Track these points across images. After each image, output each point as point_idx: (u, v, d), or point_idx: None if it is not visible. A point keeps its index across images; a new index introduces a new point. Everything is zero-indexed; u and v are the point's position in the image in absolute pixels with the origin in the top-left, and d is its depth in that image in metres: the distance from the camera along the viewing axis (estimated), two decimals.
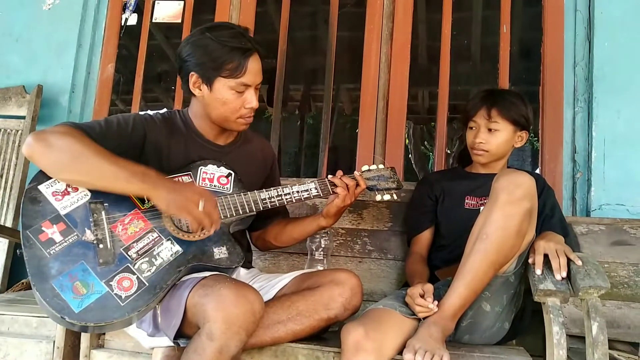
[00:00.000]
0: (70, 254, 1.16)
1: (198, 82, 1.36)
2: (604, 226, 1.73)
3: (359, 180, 1.45)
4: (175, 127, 1.44)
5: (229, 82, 1.33)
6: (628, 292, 1.63)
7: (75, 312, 1.09)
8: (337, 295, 1.30)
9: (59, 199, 1.22)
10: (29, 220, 1.18)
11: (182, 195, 1.20)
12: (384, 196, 1.49)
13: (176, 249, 1.24)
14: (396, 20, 2.26)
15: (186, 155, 1.41)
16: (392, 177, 1.52)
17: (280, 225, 1.57)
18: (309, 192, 1.43)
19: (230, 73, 1.32)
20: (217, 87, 1.34)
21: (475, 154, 1.61)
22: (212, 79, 1.33)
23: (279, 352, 1.28)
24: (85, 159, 1.18)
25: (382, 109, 2.22)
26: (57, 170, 1.22)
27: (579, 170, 2.00)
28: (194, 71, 1.35)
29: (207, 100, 1.37)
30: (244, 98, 1.36)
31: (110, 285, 1.14)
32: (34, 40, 2.58)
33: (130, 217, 1.25)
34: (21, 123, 2.37)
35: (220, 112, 1.38)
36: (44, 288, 1.10)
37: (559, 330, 1.16)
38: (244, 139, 1.55)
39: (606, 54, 2.00)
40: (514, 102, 1.57)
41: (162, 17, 2.59)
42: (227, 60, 1.31)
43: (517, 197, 1.26)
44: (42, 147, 1.19)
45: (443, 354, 1.14)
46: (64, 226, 1.19)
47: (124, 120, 1.35)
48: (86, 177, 1.21)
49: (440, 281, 1.51)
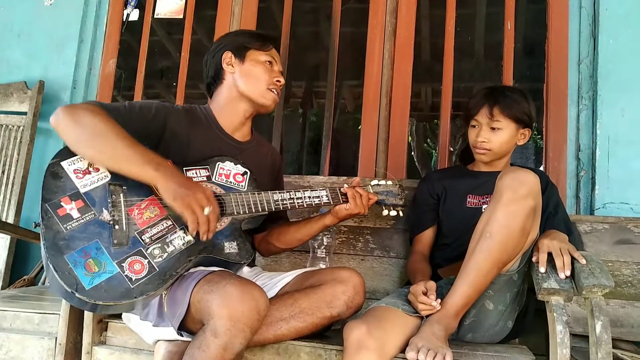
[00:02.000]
0: (86, 231, 1.17)
1: (231, 60, 1.48)
2: (607, 225, 1.72)
3: (371, 196, 1.50)
4: (197, 118, 1.48)
5: (259, 54, 1.48)
6: (632, 291, 1.63)
7: (86, 288, 1.10)
8: (340, 293, 1.30)
9: (80, 177, 1.23)
10: (49, 194, 1.19)
11: (191, 194, 1.20)
12: (391, 212, 1.54)
13: (188, 239, 1.26)
14: (399, 17, 2.25)
15: (205, 147, 1.44)
16: (400, 194, 1.58)
17: (283, 227, 1.57)
18: (320, 199, 1.46)
19: (260, 46, 1.49)
20: (250, 59, 1.48)
21: (477, 152, 1.60)
22: (244, 53, 1.48)
23: (281, 349, 1.28)
24: (105, 138, 1.20)
25: (385, 106, 2.21)
26: (77, 144, 1.24)
27: (583, 168, 1.99)
28: (227, 50, 1.49)
29: (239, 74, 1.48)
30: (272, 70, 1.49)
31: (122, 266, 1.16)
32: (36, 35, 2.58)
33: (147, 202, 1.27)
34: (23, 119, 2.37)
35: (253, 83, 1.47)
36: (58, 261, 1.11)
37: (563, 329, 1.16)
38: (256, 142, 1.59)
39: (611, 52, 1.98)
40: (516, 99, 1.55)
41: (164, 12, 2.58)
42: (256, 39, 1.51)
43: (521, 195, 1.25)
44: (68, 121, 1.22)
45: (446, 352, 1.14)
46: (82, 204, 1.20)
47: (147, 106, 1.38)
48: (102, 156, 1.23)
49: (443, 279, 1.50)
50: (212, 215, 1.21)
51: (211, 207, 1.21)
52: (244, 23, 2.41)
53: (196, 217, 1.19)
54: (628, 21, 1.99)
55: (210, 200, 1.22)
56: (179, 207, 1.20)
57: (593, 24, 2.05)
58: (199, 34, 3.32)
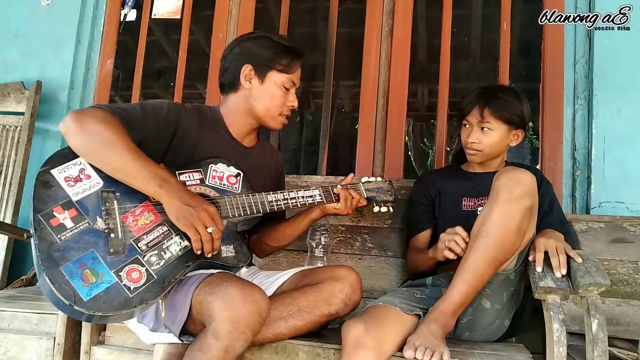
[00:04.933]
0: (81, 241, 1.14)
1: (250, 75, 1.44)
2: (603, 224, 1.73)
3: (361, 200, 1.51)
4: (206, 118, 1.47)
5: (280, 77, 1.44)
6: (627, 290, 1.64)
7: (84, 300, 1.07)
8: (337, 290, 1.31)
9: (72, 185, 1.20)
10: (40, 204, 1.15)
11: (195, 212, 1.18)
12: (382, 208, 1.56)
13: (185, 244, 1.24)
14: (396, 17, 2.26)
15: (212, 148, 1.43)
16: (390, 190, 1.59)
17: (275, 226, 1.57)
18: (314, 198, 1.46)
19: (283, 68, 1.44)
20: (269, 80, 1.44)
21: (468, 153, 1.60)
22: (266, 72, 1.43)
23: (279, 348, 1.29)
24: (113, 149, 1.19)
25: (382, 106, 2.21)
26: (84, 152, 1.23)
27: (579, 167, 2.00)
28: (248, 63, 1.43)
29: (255, 92, 1.45)
30: (288, 96, 1.46)
31: (119, 275, 1.13)
32: (33, 35, 2.58)
33: (141, 208, 1.24)
34: (20, 119, 2.36)
35: (266, 106, 1.45)
36: (54, 273, 1.08)
37: (559, 328, 1.16)
38: (262, 146, 1.59)
39: (606, 52, 1.99)
40: (507, 100, 1.54)
41: (162, 13, 2.58)
42: (283, 56, 1.44)
43: (517, 194, 1.26)
44: (76, 128, 1.20)
45: (443, 350, 1.14)
46: (76, 212, 1.17)
47: (159, 106, 1.37)
48: (108, 166, 1.21)
49: (442, 274, 1.51)
50: (215, 234, 1.20)
51: (214, 227, 1.20)
52: (241, 24, 2.41)
53: (199, 237, 1.19)
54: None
55: (214, 218, 1.21)
56: (182, 227, 1.19)
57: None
58: (197, 35, 3.32)
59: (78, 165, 1.23)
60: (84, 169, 1.23)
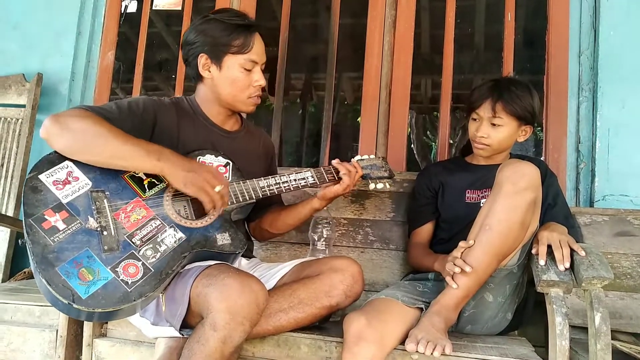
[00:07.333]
0: (74, 242, 1.16)
1: (208, 63, 1.42)
2: (607, 217, 1.72)
3: (357, 168, 1.49)
4: (184, 110, 1.47)
5: (237, 58, 1.40)
6: (631, 283, 1.63)
7: (83, 298, 1.08)
8: (338, 282, 1.30)
9: (60, 188, 1.22)
10: (31, 209, 1.17)
11: (200, 176, 1.23)
12: (377, 185, 1.54)
13: (179, 236, 1.25)
14: (399, 8, 2.24)
15: (195, 138, 1.44)
16: (384, 166, 1.58)
17: (275, 213, 1.57)
18: (306, 180, 1.46)
19: (238, 49, 1.39)
20: (227, 65, 1.41)
21: (476, 147, 1.59)
22: (221, 57, 1.40)
23: (281, 341, 1.29)
24: (101, 138, 1.20)
25: (385, 98, 2.20)
26: (72, 151, 1.23)
27: (583, 160, 1.98)
28: (202, 52, 1.41)
29: (216, 81, 1.43)
30: (251, 76, 1.42)
31: (116, 271, 1.14)
32: (33, 27, 2.56)
33: (132, 205, 1.26)
34: (21, 112, 2.36)
35: (230, 92, 1.43)
36: (50, 275, 1.09)
37: (562, 321, 1.16)
38: (247, 130, 1.58)
39: (612, 43, 1.97)
40: (520, 95, 1.50)
41: (162, 4, 2.56)
42: (234, 37, 1.39)
43: (521, 187, 1.25)
44: (59, 130, 1.20)
45: (445, 343, 1.14)
46: (67, 214, 1.19)
47: (135, 102, 1.37)
48: (100, 157, 1.22)
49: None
50: (224, 190, 1.27)
51: (222, 184, 1.25)
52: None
53: (211, 198, 1.24)
54: (629, 13, 1.98)
55: (217, 175, 1.26)
56: (192, 192, 1.23)
57: (594, 16, 2.04)
58: None
59: (65, 168, 1.24)
60: (72, 172, 1.24)
